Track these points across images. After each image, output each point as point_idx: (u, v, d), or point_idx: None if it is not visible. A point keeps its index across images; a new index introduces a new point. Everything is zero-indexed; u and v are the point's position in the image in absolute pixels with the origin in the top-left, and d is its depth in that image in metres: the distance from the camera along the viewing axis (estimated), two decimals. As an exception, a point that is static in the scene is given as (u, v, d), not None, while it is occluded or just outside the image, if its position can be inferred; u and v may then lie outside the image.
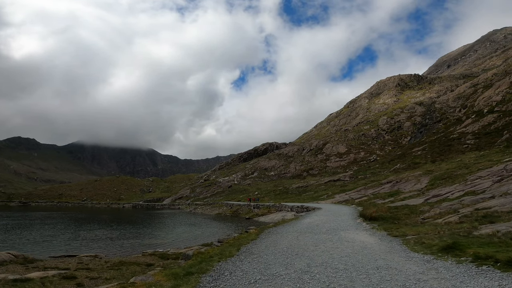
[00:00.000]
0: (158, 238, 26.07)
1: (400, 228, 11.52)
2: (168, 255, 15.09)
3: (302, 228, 14.39)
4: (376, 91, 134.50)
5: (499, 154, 37.81)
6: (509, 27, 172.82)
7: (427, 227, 10.07)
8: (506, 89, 65.21)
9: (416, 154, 65.36)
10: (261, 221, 35.86)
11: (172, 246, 20.01)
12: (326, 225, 15.06)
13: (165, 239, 25.38)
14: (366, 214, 15.58)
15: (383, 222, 13.99)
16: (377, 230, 12.50)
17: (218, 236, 21.54)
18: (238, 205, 53.81)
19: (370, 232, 12.30)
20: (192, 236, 26.38)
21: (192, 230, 31.40)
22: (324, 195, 45.29)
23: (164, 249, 17.88)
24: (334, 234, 12.22)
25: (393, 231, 11.39)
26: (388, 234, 11.22)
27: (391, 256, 8.03)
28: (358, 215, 17.63)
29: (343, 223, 15.27)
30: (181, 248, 17.57)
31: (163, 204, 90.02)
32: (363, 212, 16.63)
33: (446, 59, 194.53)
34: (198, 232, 29.39)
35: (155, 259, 13.91)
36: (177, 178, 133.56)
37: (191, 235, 27.48)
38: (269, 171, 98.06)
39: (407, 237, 10.09)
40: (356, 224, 14.64)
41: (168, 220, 45.88)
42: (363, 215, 16.28)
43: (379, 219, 14.48)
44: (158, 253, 15.87)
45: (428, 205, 14.96)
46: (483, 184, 17.24)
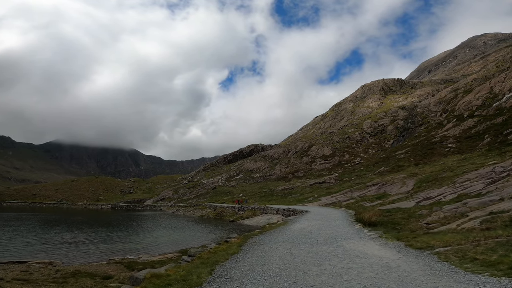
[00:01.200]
0: (133, 242, 24.13)
1: (416, 236, 9.75)
2: (137, 263, 13.40)
3: (294, 237, 12.55)
4: (361, 95, 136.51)
5: (482, 158, 38.29)
6: (489, 34, 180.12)
7: (453, 236, 8.58)
8: (486, 94, 67.14)
9: (399, 157, 66.08)
10: (245, 224, 34.61)
11: (146, 252, 18.36)
12: (321, 232, 13.32)
13: (140, 243, 23.50)
14: (363, 218, 14.20)
15: (384, 227, 12.72)
16: (387, 239, 10.72)
17: (196, 242, 20.10)
18: (222, 207, 52.29)
19: (380, 242, 10.43)
20: (171, 241, 24.63)
21: (172, 233, 29.61)
22: (310, 197, 44.63)
23: (135, 256, 16.22)
24: (336, 245, 10.29)
25: (410, 241, 9.52)
26: (408, 245, 9.26)
27: (443, 282, 5.74)
28: (354, 220, 16.31)
29: (340, 230, 13.65)
30: (155, 255, 16.05)
31: (144, 206, 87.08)
32: (360, 217, 15.20)
33: (427, 64, 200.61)
34: (178, 236, 27.64)
35: (119, 269, 12.23)
36: (160, 179, 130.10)
37: (169, 239, 25.71)
38: (255, 173, 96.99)
39: (436, 249, 8.22)
40: (356, 231, 13.06)
41: (148, 222, 43.74)
42: (360, 219, 14.87)
43: (378, 224, 13.30)
44: (126, 261, 14.20)
45: (424, 208, 14.24)
46: (475, 186, 16.91)
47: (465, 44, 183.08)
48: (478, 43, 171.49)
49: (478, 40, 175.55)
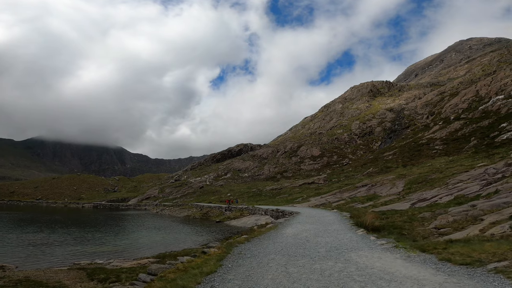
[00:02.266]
0: (107, 244, 22.44)
1: (444, 246, 7.88)
2: (102, 271, 11.85)
3: (288, 246, 10.24)
4: (350, 96, 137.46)
5: (469, 160, 38.44)
6: (475, 38, 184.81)
7: (493, 245, 7.12)
8: (472, 97, 68.27)
9: (387, 158, 66.37)
10: (232, 225, 33.46)
11: (120, 256, 16.92)
12: (320, 240, 11.24)
13: (116, 246, 21.87)
14: (365, 222, 12.42)
15: (389, 233, 11.05)
16: (406, 249, 8.66)
17: (178, 245, 18.74)
18: (209, 207, 50.93)
19: (398, 253, 8.35)
20: (151, 243, 23.05)
21: (153, 235, 27.98)
22: (299, 198, 43.88)
23: (106, 260, 14.75)
24: (344, 259, 8.04)
25: (441, 252, 7.63)
26: (443, 259, 7.22)
27: None
28: (352, 224, 14.61)
29: (342, 237, 11.65)
30: (128, 260, 14.67)
31: (128, 205, 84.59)
32: (360, 221, 13.39)
33: (414, 68, 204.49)
34: (159, 237, 26.03)
35: (77, 278, 10.69)
36: (146, 178, 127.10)
37: (149, 241, 24.10)
38: (243, 173, 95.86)
39: (490, 264, 6.37)
40: (361, 238, 11.03)
41: (129, 222, 41.87)
42: (360, 223, 13.06)
43: (382, 229, 11.60)
44: (92, 267, 12.65)
45: (422, 211, 13.45)
46: (470, 187, 16.45)
47: (451, 48, 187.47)
48: (464, 47, 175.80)
49: (465, 44, 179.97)
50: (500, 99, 55.80)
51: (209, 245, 11.69)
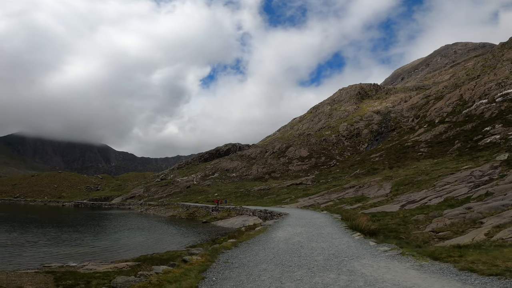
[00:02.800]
0: (84, 245, 21.24)
1: (460, 254, 7.04)
2: (72, 275, 10.83)
3: (280, 253, 9.20)
4: (338, 98, 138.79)
5: (454, 162, 39.12)
6: (460, 43, 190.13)
7: None
8: (456, 101, 69.92)
9: (374, 160, 67.11)
10: (219, 225, 32.76)
11: (97, 258, 15.95)
12: (315, 245, 10.26)
13: (93, 247, 20.72)
14: (360, 226, 11.65)
15: (386, 237, 10.37)
16: (414, 257, 7.76)
17: (162, 247, 17.87)
18: (196, 206, 50.00)
19: (408, 262, 7.45)
20: (132, 244, 21.98)
21: (136, 235, 26.82)
22: (287, 198, 43.61)
23: (80, 263, 13.78)
24: (347, 269, 7.17)
25: (459, 261, 6.79)
26: (464, 269, 6.36)
27: None
28: (346, 227, 13.74)
29: (338, 241, 10.74)
30: (105, 263, 13.79)
31: (112, 204, 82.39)
32: (354, 224, 12.60)
33: (400, 71, 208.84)
34: (142, 238, 24.90)
35: (42, 283, 9.71)
36: (131, 176, 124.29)
37: (131, 242, 22.99)
38: (231, 173, 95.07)
39: None
40: (359, 244, 10.14)
41: (111, 222, 40.42)
42: (354, 227, 12.30)
43: (378, 233, 10.95)
44: (62, 271, 11.63)
45: (414, 213, 13.25)
46: (459, 189, 16.50)
47: (437, 52, 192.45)
48: (450, 52, 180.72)
49: (450, 49, 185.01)
50: (483, 103, 57.30)
51: (191, 252, 10.32)
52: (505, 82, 58.54)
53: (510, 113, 47.48)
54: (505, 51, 74.80)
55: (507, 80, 58.72)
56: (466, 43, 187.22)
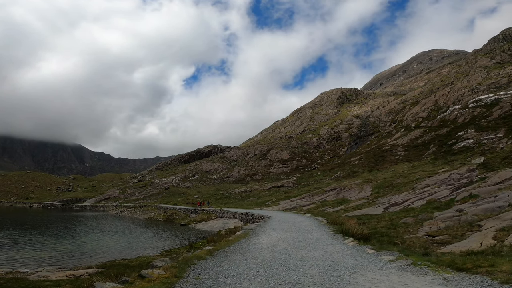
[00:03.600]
0: (44, 249, 19.46)
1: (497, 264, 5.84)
2: (20, 283, 9.56)
3: (265, 264, 7.82)
4: (320, 102, 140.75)
5: (430, 166, 40.17)
6: (436, 50, 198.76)
7: None
8: (431, 107, 72.53)
9: (354, 163, 68.19)
10: (198, 228, 31.59)
11: (55, 264, 14.50)
12: (305, 253, 8.96)
13: (54, 251, 18.97)
14: (352, 230, 10.67)
15: (379, 242, 9.52)
16: (431, 268, 6.53)
17: (132, 252, 16.59)
18: (174, 208, 48.37)
19: (425, 274, 6.23)
20: (100, 248, 20.45)
21: (106, 239, 25.06)
22: (269, 201, 43.11)
23: (34, 268, 12.41)
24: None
25: (494, 272, 5.64)
26: (506, 282, 5.22)
27: None
28: (334, 231, 12.80)
29: (329, 248, 9.45)
30: (62, 269, 12.47)
31: (84, 205, 78.68)
32: (344, 228, 11.59)
33: (379, 77, 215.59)
34: (112, 242, 23.20)
35: None
36: (106, 177, 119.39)
37: (99, 246, 21.37)
38: (212, 174, 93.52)
39: None
40: (356, 252, 8.91)
41: (81, 224, 37.99)
42: (345, 231, 11.28)
43: (372, 237, 10.10)
44: (8, 277, 10.34)
45: (402, 216, 12.95)
46: (440, 192, 16.65)
47: (414, 59, 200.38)
48: (426, 59, 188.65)
49: (426, 56, 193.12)
50: (457, 108, 59.68)
51: (153, 264, 8.34)
52: (478, 88, 61.36)
53: (482, 118, 49.62)
54: (478, 58, 78.66)
55: (480, 86, 61.60)
56: (441, 50, 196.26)
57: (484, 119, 49.47)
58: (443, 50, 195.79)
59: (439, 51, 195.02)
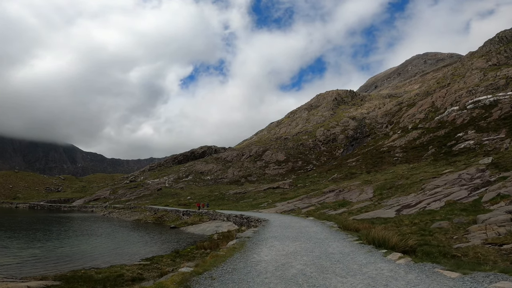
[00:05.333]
0: (5, 255, 17.24)
1: None
2: None
3: None
4: (315, 104, 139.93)
5: (431, 167, 39.02)
6: (430, 53, 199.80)
7: None
8: (428, 108, 71.82)
9: (351, 165, 67.00)
10: (189, 231, 29.72)
11: (10, 272, 12.65)
12: (338, 283, 5.74)
13: (16, 257, 16.86)
14: (390, 241, 7.86)
15: (428, 255, 7.07)
16: None
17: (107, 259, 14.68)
18: (165, 210, 46.43)
19: None
20: (72, 254, 18.31)
21: (83, 243, 22.88)
22: (264, 203, 41.44)
23: None
24: None
25: None
26: None
27: None
28: (358, 240, 10.04)
29: (374, 272, 6.30)
30: (13, 279, 10.59)
31: (72, 206, 76.15)
32: (372, 237, 8.77)
33: (374, 80, 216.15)
34: (88, 247, 21.07)
35: None
36: (97, 178, 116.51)
37: (72, 251, 19.21)
38: (206, 175, 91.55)
39: None
40: (426, 278, 5.68)
41: (63, 226, 35.64)
42: (377, 242, 8.40)
43: (417, 250, 7.39)
44: None
45: (425, 219, 11.33)
46: (457, 192, 15.29)
47: (408, 62, 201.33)
48: (420, 62, 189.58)
49: (420, 59, 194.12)
50: (455, 110, 58.91)
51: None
52: (476, 90, 60.73)
53: (481, 119, 48.80)
54: (474, 60, 78.36)
55: (477, 88, 60.98)
56: (435, 53, 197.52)
57: (484, 120, 48.65)
58: (437, 53, 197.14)
59: (434, 54, 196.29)
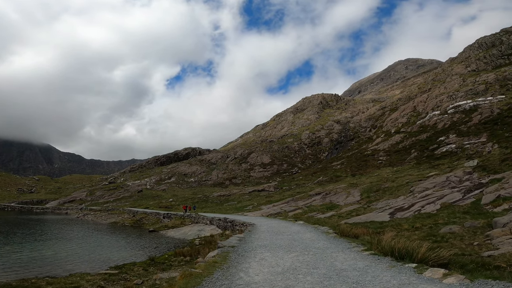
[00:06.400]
0: None
1: None
2: None
3: None
4: (301, 107, 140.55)
5: (415, 170, 39.29)
6: (412, 59, 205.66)
7: None
8: (410, 113, 73.28)
9: (336, 168, 67.15)
10: (169, 236, 28.14)
11: None
12: None
13: None
14: (412, 251, 6.40)
15: (464, 267, 5.70)
16: None
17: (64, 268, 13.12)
18: (144, 212, 44.43)
19: None
20: (28, 260, 16.53)
21: (45, 247, 20.74)
22: (249, 205, 40.37)
23: None
24: None
25: None
26: None
27: None
28: (368, 251, 8.29)
29: None
30: None
31: (45, 208, 72.41)
32: (389, 247, 7.19)
33: (358, 85, 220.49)
34: (50, 252, 19.13)
35: None
36: (74, 179, 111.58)
37: (29, 257, 17.39)
38: (189, 177, 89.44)
39: None
40: None
41: (29, 229, 32.72)
42: (396, 253, 6.84)
43: (450, 262, 5.91)
44: None
45: (428, 223, 10.63)
46: (450, 195, 14.92)
47: (391, 67, 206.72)
48: (402, 68, 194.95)
49: (402, 65, 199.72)
50: (436, 114, 60.20)
51: None
52: (456, 95, 62.40)
53: (462, 124, 49.93)
54: (454, 66, 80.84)
55: (457, 93, 62.70)
56: (416, 59, 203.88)
57: (464, 125, 49.84)
58: (418, 59, 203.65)
59: (415, 60, 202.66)
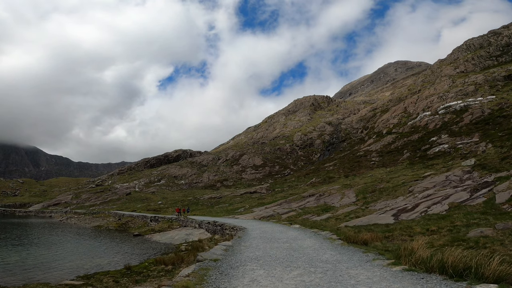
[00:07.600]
0: None
1: None
2: None
3: None
4: (293, 109, 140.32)
5: (408, 170, 38.87)
6: (401, 61, 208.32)
7: None
8: (401, 113, 73.49)
9: (329, 169, 66.58)
10: (155, 240, 26.65)
11: None
12: None
13: None
14: (479, 268, 4.99)
15: None
16: None
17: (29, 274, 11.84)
18: (131, 216, 42.78)
19: None
20: None
21: (14, 253, 19.24)
22: (241, 208, 39.16)
23: None
24: None
25: None
26: None
27: None
28: (394, 264, 6.69)
29: None
30: None
31: (29, 211, 69.93)
32: (439, 260, 5.69)
33: (349, 87, 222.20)
34: (17, 257, 17.71)
35: None
36: (60, 182, 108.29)
37: None
38: (179, 180, 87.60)
39: None
40: None
41: (4, 233, 30.88)
42: (442, 268, 5.53)
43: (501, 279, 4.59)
44: None
45: (443, 225, 9.77)
46: (455, 195, 14.20)
47: (381, 70, 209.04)
48: (391, 70, 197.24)
49: (392, 67, 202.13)
50: (427, 115, 60.34)
51: None
52: (446, 96, 62.76)
53: (453, 124, 49.98)
54: (443, 67, 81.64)
55: (448, 94, 63.07)
56: (405, 61, 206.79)
57: (456, 125, 49.90)
58: (407, 61, 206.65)
59: (404, 62, 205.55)
